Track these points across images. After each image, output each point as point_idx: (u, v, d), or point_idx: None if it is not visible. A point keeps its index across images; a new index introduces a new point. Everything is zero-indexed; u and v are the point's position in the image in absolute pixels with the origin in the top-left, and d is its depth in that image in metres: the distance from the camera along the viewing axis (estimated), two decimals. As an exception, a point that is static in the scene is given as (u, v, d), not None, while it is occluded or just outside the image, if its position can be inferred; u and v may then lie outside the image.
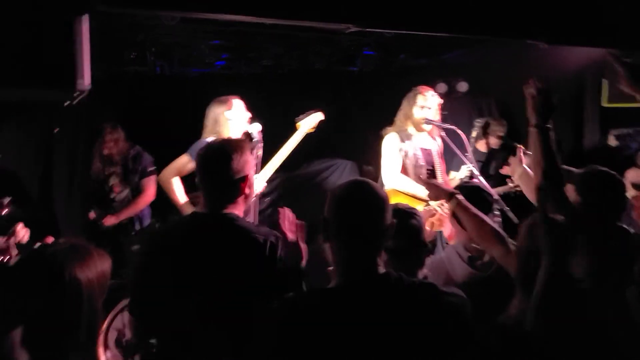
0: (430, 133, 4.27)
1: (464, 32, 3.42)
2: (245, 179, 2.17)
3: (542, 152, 2.29)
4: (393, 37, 4.47)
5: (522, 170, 2.90)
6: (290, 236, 2.12)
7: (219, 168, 2.14)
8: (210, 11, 2.71)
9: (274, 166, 3.82)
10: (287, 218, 2.16)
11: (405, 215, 2.17)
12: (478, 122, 5.11)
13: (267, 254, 2.05)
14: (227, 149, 2.15)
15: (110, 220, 4.34)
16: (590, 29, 3.54)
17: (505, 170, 4.37)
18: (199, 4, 2.56)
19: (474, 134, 4.97)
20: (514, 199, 4.55)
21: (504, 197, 4.38)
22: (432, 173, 4.18)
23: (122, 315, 3.63)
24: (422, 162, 4.08)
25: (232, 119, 3.73)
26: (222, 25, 4.29)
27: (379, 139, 4.28)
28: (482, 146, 5.76)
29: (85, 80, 2.25)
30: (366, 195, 1.69)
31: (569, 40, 3.68)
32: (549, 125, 2.32)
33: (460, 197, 2.40)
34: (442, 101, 4.27)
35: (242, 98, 3.85)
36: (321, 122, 4.04)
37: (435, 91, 4.32)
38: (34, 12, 2.20)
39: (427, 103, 4.11)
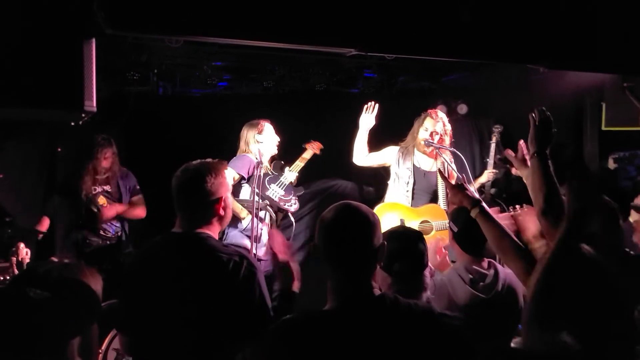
0: (433, 155, 4.31)
1: (464, 56, 3.45)
2: (219, 201, 2.21)
3: (542, 179, 2.32)
4: (394, 60, 4.53)
5: (528, 172, 2.81)
6: (281, 257, 2.15)
7: (193, 189, 2.18)
8: (216, 35, 2.75)
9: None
10: (277, 239, 2.18)
11: (410, 238, 2.17)
12: (497, 128, 4.94)
13: (230, 271, 2.07)
14: (202, 171, 2.20)
15: (109, 212, 4.32)
16: (590, 53, 3.57)
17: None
18: (205, 28, 2.59)
19: (493, 139, 4.84)
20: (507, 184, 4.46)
21: (493, 184, 4.36)
22: (433, 196, 4.22)
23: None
24: (411, 180, 4.20)
25: (263, 142, 4.01)
26: (225, 47, 4.34)
27: None
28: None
29: (93, 101, 2.28)
30: (352, 218, 1.69)
31: (569, 64, 3.72)
32: (547, 153, 2.36)
33: (484, 205, 2.39)
34: (450, 127, 4.32)
35: (272, 122, 4.16)
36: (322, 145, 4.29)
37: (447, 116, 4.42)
38: (44, 35, 2.23)
39: (434, 127, 4.21)
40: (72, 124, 2.54)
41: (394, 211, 4.06)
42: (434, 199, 4.25)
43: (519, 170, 2.80)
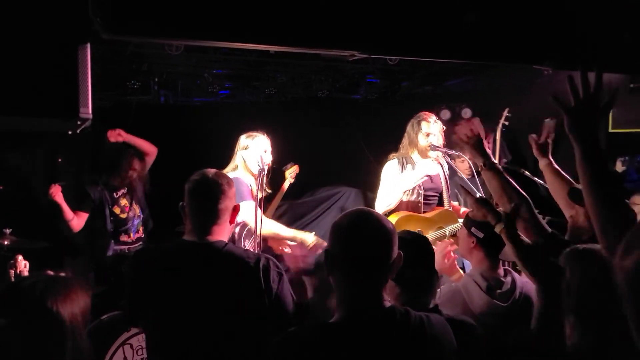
0: (435, 158, 4.26)
1: (469, 57, 3.40)
2: (236, 209, 2.26)
3: (501, 187, 2.37)
4: (397, 65, 4.47)
5: (547, 162, 2.68)
6: (298, 268, 2.12)
7: (215, 202, 2.18)
8: (215, 39, 2.70)
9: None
10: (297, 252, 2.16)
11: (421, 244, 2.10)
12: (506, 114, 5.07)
13: (261, 274, 2.10)
14: (221, 183, 2.21)
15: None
16: (597, 53, 3.51)
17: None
18: (203, 32, 2.54)
19: (499, 125, 4.94)
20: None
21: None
22: (439, 198, 4.17)
23: (124, 349, 3.55)
24: (421, 189, 4.10)
25: (247, 158, 3.81)
26: (226, 54, 4.29)
27: (382, 165, 4.26)
28: None
29: (88, 108, 2.23)
30: (372, 226, 1.61)
31: (576, 65, 3.65)
32: (495, 160, 2.46)
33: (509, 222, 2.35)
34: (444, 127, 4.25)
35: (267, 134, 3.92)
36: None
37: (438, 116, 4.33)
38: (37, 41, 2.19)
39: (431, 129, 4.12)
40: (70, 132, 2.48)
41: (410, 223, 4.00)
42: (440, 200, 4.22)
43: (537, 156, 2.74)
